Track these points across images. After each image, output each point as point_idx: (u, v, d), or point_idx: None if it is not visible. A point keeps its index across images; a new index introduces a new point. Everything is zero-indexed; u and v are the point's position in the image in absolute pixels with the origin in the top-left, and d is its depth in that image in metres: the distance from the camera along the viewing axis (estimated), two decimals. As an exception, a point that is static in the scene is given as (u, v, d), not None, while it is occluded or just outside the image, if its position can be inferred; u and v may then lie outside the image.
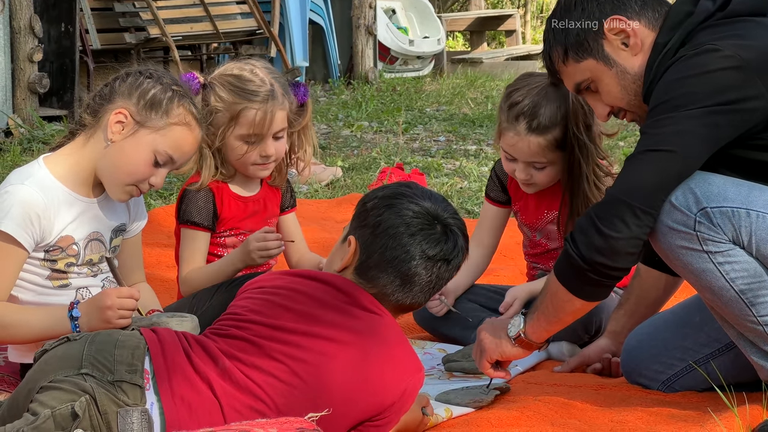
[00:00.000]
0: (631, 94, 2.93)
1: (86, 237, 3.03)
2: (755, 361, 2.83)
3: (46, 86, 8.25)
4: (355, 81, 11.51)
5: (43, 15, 8.44)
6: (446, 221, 2.71)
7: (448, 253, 2.68)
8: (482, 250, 3.83)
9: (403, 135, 8.71)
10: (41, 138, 7.64)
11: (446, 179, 6.94)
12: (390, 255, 2.65)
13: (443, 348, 3.67)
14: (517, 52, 15.12)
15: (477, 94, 11.16)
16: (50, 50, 8.60)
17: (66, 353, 2.44)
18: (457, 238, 2.71)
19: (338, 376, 2.53)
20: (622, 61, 2.90)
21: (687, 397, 3.10)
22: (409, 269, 2.65)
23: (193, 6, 10.21)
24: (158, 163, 2.98)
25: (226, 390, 2.46)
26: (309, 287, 2.64)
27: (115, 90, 2.99)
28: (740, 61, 2.69)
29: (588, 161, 3.50)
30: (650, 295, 3.32)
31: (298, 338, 2.54)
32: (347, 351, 2.55)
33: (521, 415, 2.96)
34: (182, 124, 2.98)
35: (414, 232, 2.66)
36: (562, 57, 2.95)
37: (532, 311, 2.95)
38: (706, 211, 2.71)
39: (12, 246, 2.90)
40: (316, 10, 11.59)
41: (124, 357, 2.43)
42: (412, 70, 12.78)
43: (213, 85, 3.44)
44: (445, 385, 3.31)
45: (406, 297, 2.68)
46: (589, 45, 2.91)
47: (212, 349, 2.51)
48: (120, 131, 2.96)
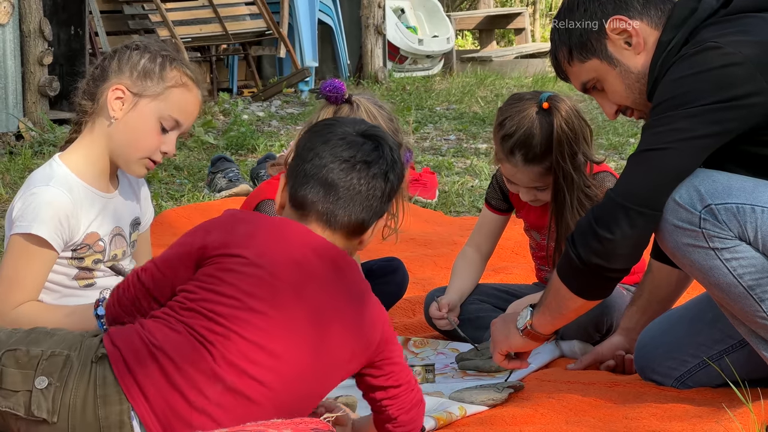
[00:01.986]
0: (635, 92, 2.94)
1: (110, 233, 3.05)
2: (767, 357, 2.83)
3: (56, 89, 8.26)
4: (364, 81, 11.51)
5: (52, 18, 8.46)
6: (367, 131, 2.60)
7: (366, 155, 2.54)
8: (479, 256, 3.85)
9: (414, 134, 8.71)
10: (52, 141, 7.65)
11: (457, 178, 6.94)
12: (308, 168, 2.54)
13: (456, 347, 3.67)
14: (527, 50, 15.09)
15: (487, 93, 11.16)
16: (60, 53, 8.62)
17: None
18: (379, 144, 2.57)
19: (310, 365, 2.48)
20: (626, 61, 2.91)
21: (701, 393, 3.09)
22: (328, 175, 2.52)
23: (202, 8, 10.22)
24: (165, 129, 2.99)
25: (225, 407, 2.41)
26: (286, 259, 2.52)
27: (107, 69, 3.01)
28: (742, 57, 2.68)
29: (572, 190, 3.49)
30: (662, 291, 3.32)
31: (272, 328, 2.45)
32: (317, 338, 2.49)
33: (535, 413, 2.96)
34: (180, 86, 3.00)
35: (327, 140, 2.56)
36: (567, 57, 2.97)
37: (538, 305, 2.98)
38: (710, 208, 2.71)
39: (42, 248, 2.90)
40: (325, 10, 11.59)
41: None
42: (422, 69, 12.77)
43: (359, 106, 3.41)
44: (459, 383, 3.31)
45: (340, 209, 2.53)
46: (592, 45, 2.92)
47: (210, 368, 2.41)
48: (121, 107, 2.97)
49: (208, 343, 2.40)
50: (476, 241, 3.84)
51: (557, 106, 3.44)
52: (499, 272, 4.47)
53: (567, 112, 3.45)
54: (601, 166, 3.64)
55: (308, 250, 2.52)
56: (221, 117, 9.24)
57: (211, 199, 6.21)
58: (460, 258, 3.85)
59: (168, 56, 3.01)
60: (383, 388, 2.59)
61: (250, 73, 11.08)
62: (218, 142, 8.02)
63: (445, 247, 5.05)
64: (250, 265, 2.46)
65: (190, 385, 2.38)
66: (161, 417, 2.36)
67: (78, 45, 8.72)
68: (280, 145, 7.90)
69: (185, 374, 2.38)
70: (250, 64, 10.98)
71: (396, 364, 2.59)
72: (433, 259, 4.85)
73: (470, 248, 3.85)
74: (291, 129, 8.91)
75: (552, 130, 3.43)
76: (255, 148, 7.83)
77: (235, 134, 8.06)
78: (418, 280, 4.46)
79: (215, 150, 7.76)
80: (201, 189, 6.54)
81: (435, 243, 5.17)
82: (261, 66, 11.53)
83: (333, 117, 2.70)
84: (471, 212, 6.14)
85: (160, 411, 2.37)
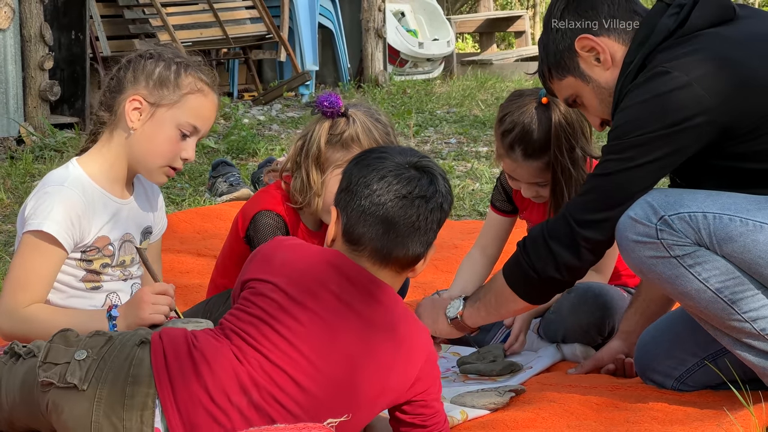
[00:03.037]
0: (609, 106, 2.99)
1: (120, 238, 3.06)
2: (755, 364, 2.84)
3: (57, 94, 8.27)
4: (365, 84, 11.52)
5: (53, 23, 8.47)
6: (419, 163, 2.62)
7: (424, 190, 2.56)
8: (485, 259, 3.84)
9: (415, 137, 8.72)
10: (53, 146, 7.65)
11: (458, 181, 6.94)
12: (366, 204, 2.55)
13: (457, 351, 3.67)
14: (527, 52, 15.11)
15: (487, 96, 11.16)
16: (61, 58, 8.63)
17: (73, 412, 2.44)
18: (432, 177, 2.60)
19: (359, 385, 2.52)
20: (597, 77, 2.98)
21: (702, 396, 3.09)
22: (387, 212, 2.54)
23: (202, 12, 10.23)
24: (185, 135, 3.00)
25: (247, 419, 2.46)
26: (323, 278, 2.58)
27: (122, 79, 3.02)
28: (686, 80, 2.74)
29: (570, 184, 3.50)
30: (658, 293, 3.33)
31: (315, 352, 2.51)
32: (365, 357, 2.53)
33: (536, 417, 2.96)
34: (195, 92, 3.01)
35: (383, 176, 2.57)
36: (548, 75, 3.05)
37: (473, 299, 3.12)
38: (664, 219, 2.76)
39: (53, 247, 2.92)
40: (325, 14, 11.60)
41: (133, 423, 2.43)
42: (422, 73, 12.78)
43: (354, 120, 3.42)
44: (461, 387, 3.31)
45: (399, 246, 2.57)
46: (566, 63, 3.00)
47: (239, 379, 2.48)
48: (139, 117, 2.99)
49: (242, 357, 2.48)
50: (482, 244, 3.85)
51: (556, 101, 3.45)
52: (500, 275, 4.46)
53: (566, 107, 3.46)
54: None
55: (344, 282, 2.56)
56: (222, 121, 9.24)
57: (212, 203, 6.21)
58: (466, 260, 3.86)
59: (182, 63, 3.02)
60: (410, 425, 2.63)
61: (250, 77, 11.09)
62: (219, 147, 8.02)
63: (446, 250, 5.05)
64: (278, 291, 2.53)
65: (218, 388, 2.44)
66: (182, 409, 2.42)
67: (79, 50, 8.73)
68: (281, 149, 7.91)
69: (216, 377, 2.45)
70: (251, 68, 10.99)
71: (428, 407, 2.62)
72: (433, 263, 4.85)
73: (476, 250, 3.85)
74: (292, 133, 8.92)
75: (550, 125, 3.44)
76: (256, 152, 7.83)
77: (235, 138, 8.06)
78: (419, 284, 4.46)
79: (216, 154, 7.77)
80: (202, 193, 6.54)
81: (436, 246, 5.16)
82: (261, 70, 11.55)
83: (382, 147, 2.72)
84: (472, 216, 6.14)
85: (182, 403, 2.42)
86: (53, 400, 2.46)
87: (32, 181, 6.67)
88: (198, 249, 4.96)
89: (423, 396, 2.60)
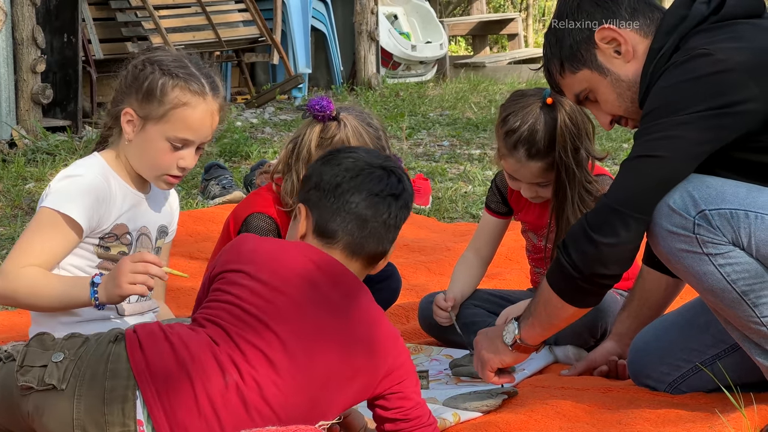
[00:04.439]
0: (627, 101, 2.93)
1: (138, 229, 3.07)
2: (761, 362, 2.83)
3: (49, 97, 8.25)
4: (358, 87, 11.52)
5: (45, 26, 8.45)
6: (384, 164, 2.71)
7: (393, 188, 2.68)
8: (480, 261, 3.85)
9: (407, 140, 8.72)
10: (45, 149, 7.64)
11: (451, 184, 6.94)
12: (340, 203, 2.65)
13: (450, 353, 3.67)
14: (520, 55, 15.12)
15: (480, 98, 11.17)
16: (53, 61, 8.61)
17: (54, 412, 2.45)
18: (400, 177, 2.71)
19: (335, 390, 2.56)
20: (616, 69, 2.91)
21: (695, 398, 3.10)
22: (361, 210, 2.64)
23: (195, 15, 10.22)
24: (177, 147, 2.99)
25: (233, 411, 2.47)
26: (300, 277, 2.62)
27: (121, 90, 3.03)
28: (733, 63, 2.68)
29: (573, 185, 3.50)
30: (653, 297, 3.33)
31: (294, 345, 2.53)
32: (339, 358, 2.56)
33: (529, 419, 2.96)
34: (180, 106, 2.96)
35: (355, 175, 2.67)
36: (559, 70, 2.97)
37: (525, 316, 2.97)
38: (704, 213, 2.71)
39: (67, 227, 2.91)
40: (318, 16, 11.60)
41: (114, 417, 2.44)
42: (415, 75, 12.78)
43: (346, 124, 3.43)
44: (453, 389, 3.31)
45: (371, 241, 2.65)
46: (582, 56, 2.92)
47: (216, 358, 2.50)
48: (132, 130, 2.99)
49: (218, 340, 2.51)
50: (476, 246, 3.85)
51: (561, 101, 3.46)
52: (492, 278, 4.47)
53: (570, 107, 3.47)
54: (601, 169, 3.66)
55: (313, 268, 2.60)
56: (215, 124, 9.23)
57: (204, 206, 6.21)
58: (461, 261, 3.87)
59: (173, 74, 2.97)
60: (392, 421, 2.65)
61: (243, 80, 11.09)
62: (211, 149, 8.02)
63: (439, 253, 5.05)
64: (251, 279, 2.56)
65: (198, 371, 2.46)
66: (163, 397, 2.44)
67: (71, 52, 8.71)
68: (274, 151, 7.91)
69: (196, 360, 2.47)
70: (244, 71, 10.99)
71: (406, 399, 2.63)
72: (426, 266, 4.85)
73: (470, 252, 3.86)
74: (284, 136, 8.91)
75: (555, 126, 3.44)
76: (248, 155, 7.83)
77: (228, 141, 8.06)
78: (412, 287, 4.46)
79: (209, 157, 7.76)
80: (194, 196, 6.54)
81: (428, 249, 5.17)
82: (254, 73, 11.54)
83: (349, 147, 2.80)
84: (464, 218, 6.14)
85: (163, 392, 2.44)
86: (34, 403, 2.47)
87: (25, 184, 6.66)
88: (190, 252, 4.96)
89: (399, 388, 2.62)
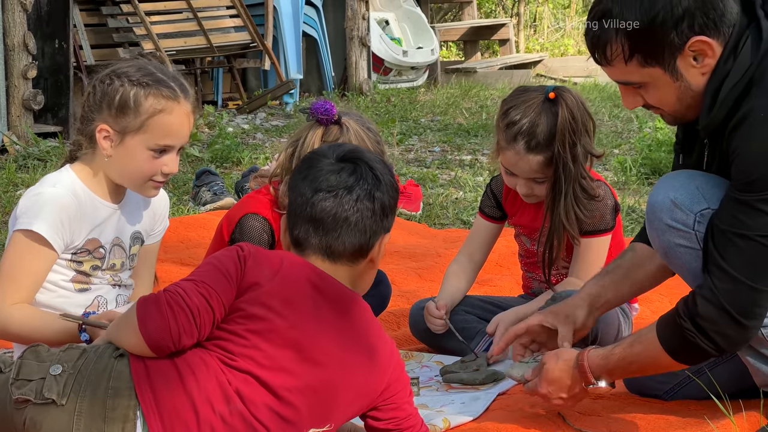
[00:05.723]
0: (683, 106, 2.80)
1: (111, 242, 3.07)
2: (752, 363, 2.83)
3: (40, 103, 8.25)
4: (349, 93, 11.52)
5: (36, 32, 8.45)
6: (346, 155, 2.59)
7: (344, 181, 2.54)
8: (472, 265, 3.85)
9: (398, 146, 8.72)
10: (36, 155, 7.64)
11: (442, 190, 6.95)
12: (294, 207, 2.57)
13: (440, 360, 3.67)
14: (511, 60, 15.12)
15: (471, 104, 11.17)
16: (44, 67, 8.61)
17: (52, 427, 2.42)
18: (356, 166, 2.57)
19: (338, 397, 2.53)
20: (689, 77, 2.72)
21: (685, 405, 3.10)
22: (310, 211, 2.54)
23: (186, 20, 10.22)
24: (160, 152, 2.99)
25: (230, 426, 2.45)
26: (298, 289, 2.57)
27: (90, 107, 3.01)
28: None
29: (569, 181, 3.51)
30: (639, 274, 3.18)
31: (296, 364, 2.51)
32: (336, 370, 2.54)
33: (519, 425, 2.96)
34: (158, 113, 2.97)
35: (306, 175, 2.57)
36: (624, 55, 2.72)
37: (607, 363, 2.86)
38: (706, 211, 2.71)
39: (43, 247, 2.92)
40: (309, 22, 11.60)
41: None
42: (407, 81, 12.78)
43: (348, 128, 3.44)
44: (444, 396, 3.32)
45: (333, 240, 2.54)
46: (663, 56, 2.70)
47: (221, 385, 2.47)
48: (110, 145, 2.99)
49: (226, 365, 2.46)
50: (469, 250, 3.85)
51: (563, 96, 3.48)
52: (483, 284, 4.47)
53: (572, 103, 3.48)
54: (598, 176, 3.68)
55: (310, 288, 2.54)
56: (206, 130, 9.24)
57: (196, 212, 6.21)
58: (452, 265, 3.86)
59: (142, 83, 2.97)
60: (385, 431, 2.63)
61: (234, 86, 11.08)
62: (203, 155, 8.02)
63: (430, 259, 5.05)
64: (253, 303, 2.50)
65: (202, 397, 2.43)
66: (166, 419, 2.41)
67: (62, 59, 8.72)
68: (265, 157, 7.90)
69: (201, 385, 2.43)
70: (235, 77, 10.98)
71: (399, 410, 2.61)
72: (417, 272, 4.86)
73: (462, 256, 3.86)
74: (276, 141, 8.91)
75: (556, 121, 3.46)
76: (240, 161, 7.83)
77: (220, 147, 8.06)
78: (403, 293, 4.46)
79: (200, 163, 7.76)
80: (186, 202, 6.54)
81: (419, 255, 5.17)
82: (246, 78, 11.54)
83: (312, 150, 2.71)
84: (455, 224, 6.14)
85: (166, 413, 2.41)
86: (31, 416, 2.43)
87: (16, 190, 6.65)
88: (182, 258, 4.96)
89: (393, 399, 2.60)
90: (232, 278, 2.49)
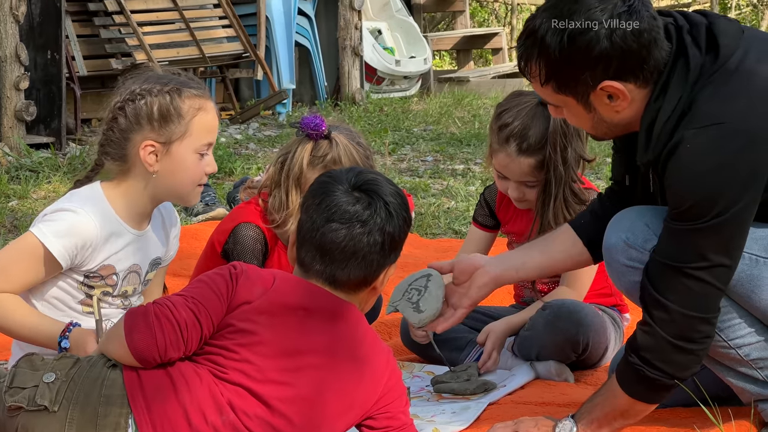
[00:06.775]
0: (600, 132, 2.83)
1: (127, 269, 3.04)
2: (735, 384, 2.85)
3: (33, 114, 8.25)
4: (342, 102, 11.53)
5: (29, 43, 8.46)
6: (363, 186, 2.58)
7: (359, 215, 2.53)
8: None
9: (391, 156, 8.73)
10: (29, 166, 7.64)
11: (434, 199, 6.95)
12: (305, 230, 2.56)
13: (431, 370, 3.68)
14: (504, 69, 15.13)
15: (464, 113, 11.18)
16: (37, 78, 8.61)
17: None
18: (371, 200, 2.55)
19: (326, 409, 2.54)
20: (603, 113, 2.75)
21: (675, 413, 3.11)
22: (320, 239, 2.53)
23: (179, 31, 10.23)
24: (203, 154, 2.98)
25: None
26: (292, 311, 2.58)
27: (124, 129, 2.96)
28: (749, 133, 2.61)
29: (559, 184, 3.52)
30: (557, 251, 3.13)
31: (287, 375, 2.52)
32: (328, 379, 2.54)
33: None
34: (198, 111, 2.97)
35: (322, 200, 2.56)
36: (541, 78, 2.74)
37: (587, 420, 2.86)
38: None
39: (49, 262, 2.90)
40: (302, 32, 11.61)
41: None
42: (399, 90, 12.79)
43: (337, 144, 3.44)
44: (435, 406, 3.32)
45: (338, 270, 2.54)
46: (576, 89, 2.72)
47: (214, 397, 2.48)
48: (156, 160, 2.95)
49: (219, 375, 2.47)
50: None
51: None
52: (475, 294, 4.46)
53: None
54: (590, 184, 3.69)
55: (300, 301, 2.54)
56: (199, 140, 9.22)
57: (188, 223, 6.21)
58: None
59: (172, 90, 2.96)
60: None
61: (227, 96, 11.09)
62: (195, 166, 8.01)
63: (421, 269, 5.04)
64: (242, 319, 2.51)
65: (195, 407, 2.43)
66: (158, 428, 2.41)
67: (55, 69, 8.71)
68: (258, 167, 7.91)
69: (193, 395, 2.44)
70: (228, 87, 10.99)
71: (394, 419, 2.61)
72: (409, 282, 4.84)
73: None
74: (269, 151, 8.92)
75: (548, 124, 3.47)
76: (232, 172, 7.83)
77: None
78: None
79: (192, 173, 7.75)
80: (178, 213, 6.53)
81: (411, 265, 5.16)
82: (238, 88, 11.55)
83: (328, 173, 2.69)
84: (447, 234, 6.14)
85: (158, 422, 2.42)
86: (22, 423, 2.45)
87: (7, 201, 6.65)
88: (174, 269, 4.95)
89: (388, 408, 2.59)
90: (223, 296, 2.50)
